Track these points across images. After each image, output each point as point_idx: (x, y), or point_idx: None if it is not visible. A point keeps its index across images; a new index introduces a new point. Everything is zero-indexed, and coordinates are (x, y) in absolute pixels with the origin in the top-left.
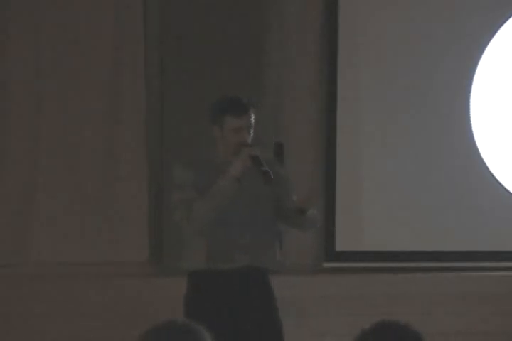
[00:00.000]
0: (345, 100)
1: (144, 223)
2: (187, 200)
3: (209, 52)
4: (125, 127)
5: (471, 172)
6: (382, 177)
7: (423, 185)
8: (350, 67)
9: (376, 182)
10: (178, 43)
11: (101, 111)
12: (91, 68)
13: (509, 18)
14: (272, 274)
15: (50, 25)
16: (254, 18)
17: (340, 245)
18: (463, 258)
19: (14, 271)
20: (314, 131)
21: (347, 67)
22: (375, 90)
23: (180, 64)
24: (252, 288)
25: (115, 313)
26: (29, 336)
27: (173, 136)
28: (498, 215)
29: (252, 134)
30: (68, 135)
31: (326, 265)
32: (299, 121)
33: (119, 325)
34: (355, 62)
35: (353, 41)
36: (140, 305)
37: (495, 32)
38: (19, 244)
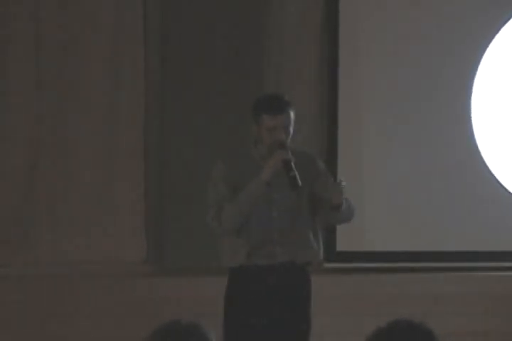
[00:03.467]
0: (346, 100)
1: (142, 223)
2: (219, 201)
3: (209, 52)
4: (125, 127)
5: (472, 172)
6: (382, 177)
7: (423, 185)
8: (350, 67)
9: (377, 182)
10: (178, 43)
11: (101, 111)
12: (91, 68)
13: (510, 18)
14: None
15: (50, 25)
16: (254, 18)
17: (341, 245)
18: (463, 258)
19: (14, 271)
20: (314, 131)
21: (347, 67)
22: (375, 90)
23: (180, 64)
24: (291, 284)
25: (115, 313)
26: (29, 336)
27: (173, 135)
28: (498, 215)
29: (290, 133)
30: (68, 135)
31: (327, 265)
32: (299, 120)
33: (119, 324)
34: (355, 62)
35: (353, 41)
36: (139, 305)
37: (496, 32)
38: (19, 244)
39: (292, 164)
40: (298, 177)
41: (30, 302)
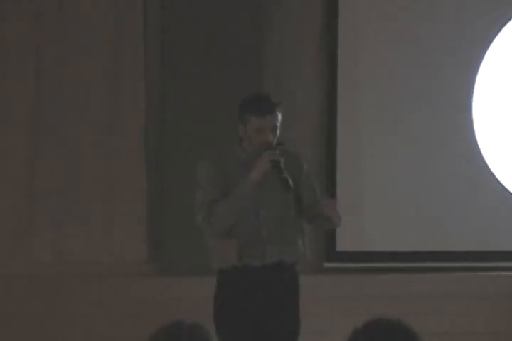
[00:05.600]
0: (345, 100)
1: (143, 223)
2: (208, 201)
3: (209, 52)
4: (125, 127)
5: (472, 172)
6: (382, 177)
7: (423, 185)
8: (350, 67)
9: (376, 182)
10: (178, 43)
11: (101, 111)
12: (91, 68)
13: (511, 18)
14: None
15: (50, 26)
16: (254, 17)
17: (341, 245)
18: (463, 258)
19: (14, 271)
20: (314, 131)
21: (347, 67)
22: (375, 90)
23: (180, 64)
24: (282, 283)
25: (115, 312)
26: (29, 336)
27: (173, 135)
28: (498, 215)
29: (277, 134)
30: (68, 135)
31: (327, 265)
32: (299, 121)
33: (119, 324)
34: (355, 62)
35: (353, 41)
36: (140, 305)
37: (497, 32)
38: (19, 244)
39: (282, 165)
40: (289, 179)
41: (30, 302)
